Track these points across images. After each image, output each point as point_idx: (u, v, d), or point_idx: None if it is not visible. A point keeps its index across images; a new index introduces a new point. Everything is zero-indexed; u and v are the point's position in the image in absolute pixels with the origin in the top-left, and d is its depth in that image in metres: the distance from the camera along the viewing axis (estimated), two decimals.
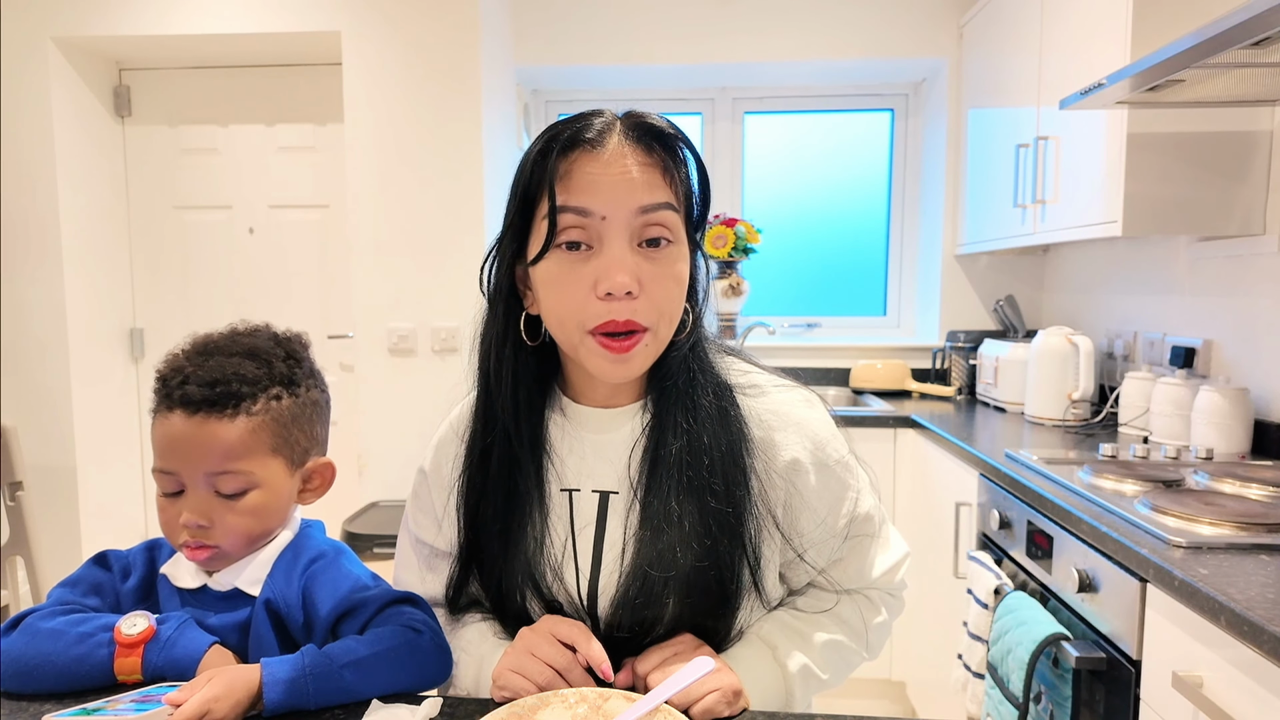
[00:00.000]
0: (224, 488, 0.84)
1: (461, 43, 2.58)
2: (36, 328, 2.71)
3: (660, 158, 0.76)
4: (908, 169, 3.19)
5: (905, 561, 0.95)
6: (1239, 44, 1.24)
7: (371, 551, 2.33)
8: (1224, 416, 1.74)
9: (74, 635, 0.79)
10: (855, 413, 2.57)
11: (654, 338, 0.77)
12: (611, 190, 0.73)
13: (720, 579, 0.80)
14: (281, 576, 0.86)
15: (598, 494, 0.83)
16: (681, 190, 0.78)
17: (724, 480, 0.79)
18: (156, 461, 0.85)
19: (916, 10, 2.88)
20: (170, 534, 0.85)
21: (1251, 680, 0.95)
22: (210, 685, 0.72)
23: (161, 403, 0.85)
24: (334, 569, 0.88)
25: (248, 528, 0.85)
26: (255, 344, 0.89)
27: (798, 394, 0.88)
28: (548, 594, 0.83)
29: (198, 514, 0.83)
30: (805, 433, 0.84)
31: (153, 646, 0.79)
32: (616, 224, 0.74)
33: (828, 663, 0.86)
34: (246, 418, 0.84)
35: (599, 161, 0.74)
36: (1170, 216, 1.80)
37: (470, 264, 2.65)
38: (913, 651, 2.45)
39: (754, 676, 0.81)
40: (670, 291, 0.76)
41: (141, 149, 2.94)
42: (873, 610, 0.92)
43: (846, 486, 0.87)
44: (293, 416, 0.88)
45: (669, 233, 0.76)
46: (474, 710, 0.76)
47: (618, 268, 0.73)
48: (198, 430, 0.83)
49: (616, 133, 0.75)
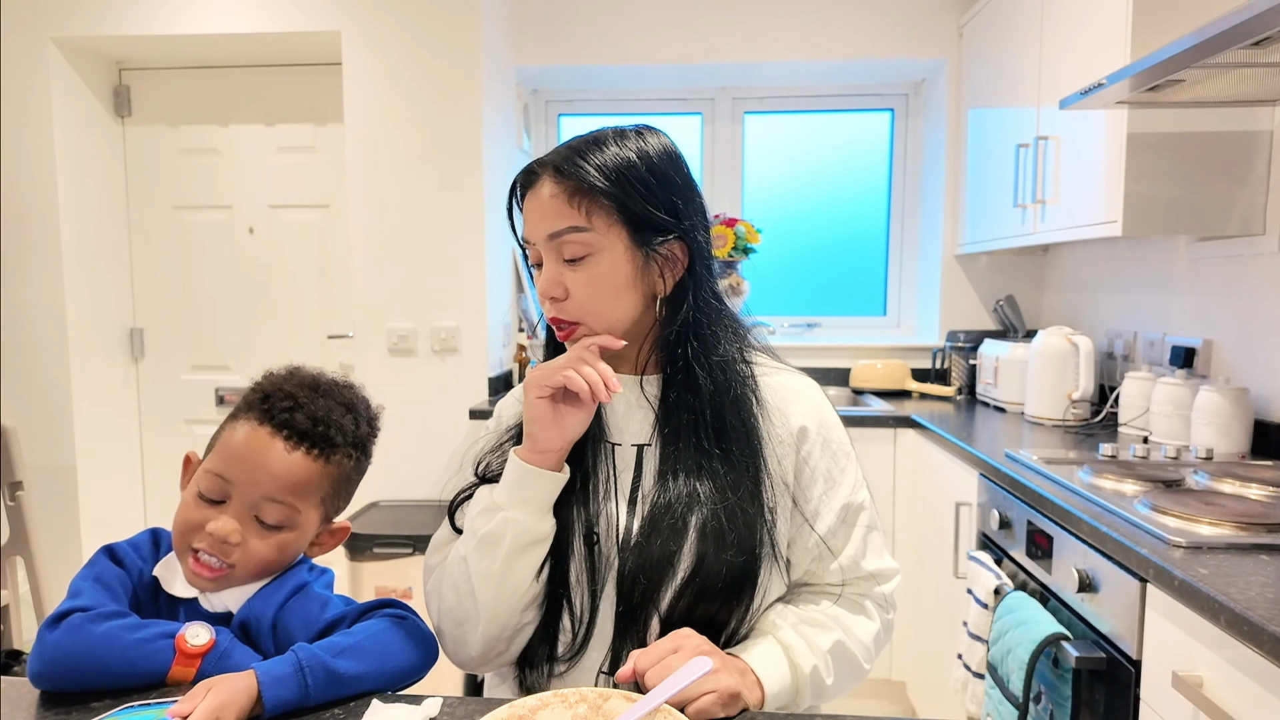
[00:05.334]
0: (268, 516, 0.86)
1: (461, 43, 2.58)
2: (36, 328, 2.71)
3: (566, 186, 0.89)
4: (908, 169, 3.19)
5: (895, 577, 0.98)
6: (1239, 44, 1.24)
7: (371, 552, 2.33)
8: (1224, 416, 1.74)
9: (131, 641, 0.79)
10: (855, 413, 2.57)
11: (587, 329, 0.91)
12: (534, 223, 0.91)
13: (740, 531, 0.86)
14: (261, 600, 0.88)
15: (635, 447, 0.94)
16: (605, 205, 0.89)
17: (735, 444, 0.89)
18: (218, 465, 0.86)
19: (916, 10, 2.88)
20: (187, 534, 0.85)
21: (1251, 680, 0.95)
22: (213, 694, 0.72)
23: (258, 416, 0.87)
24: (306, 598, 0.89)
25: (267, 560, 0.87)
26: (354, 399, 0.94)
27: (810, 380, 1.00)
28: (591, 523, 0.90)
29: (234, 530, 0.84)
30: (814, 410, 0.95)
31: (211, 658, 0.80)
32: (543, 248, 0.91)
33: (834, 667, 0.88)
34: (324, 464, 0.88)
35: (529, 200, 0.92)
36: (1170, 216, 1.80)
37: (470, 264, 2.65)
38: (913, 651, 2.45)
39: (771, 673, 0.83)
40: (592, 293, 0.90)
41: (141, 149, 2.94)
42: (868, 619, 0.95)
43: (845, 471, 0.95)
44: (348, 477, 0.93)
45: (584, 248, 0.89)
46: (474, 710, 0.77)
47: (542, 279, 0.91)
48: (282, 455, 0.86)
49: (549, 168, 0.90)
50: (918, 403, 2.75)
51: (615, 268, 0.90)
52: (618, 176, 0.89)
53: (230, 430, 0.88)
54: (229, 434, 0.88)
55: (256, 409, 0.87)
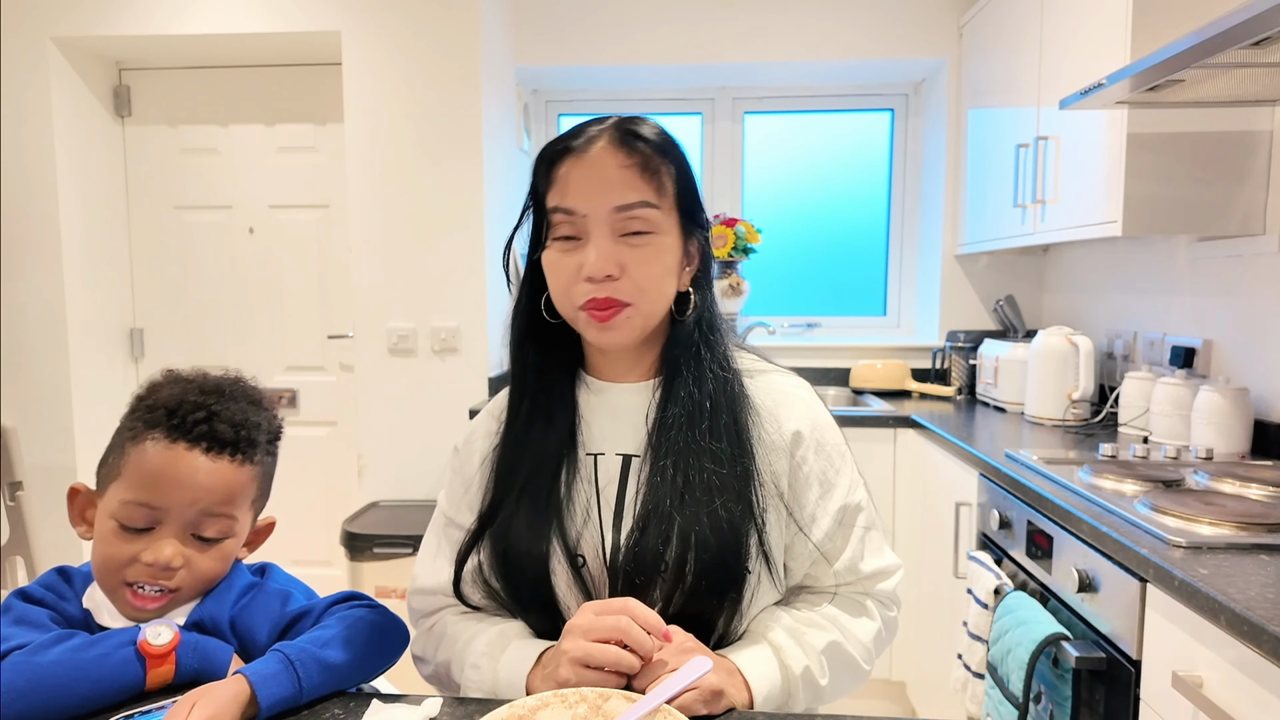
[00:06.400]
0: (208, 530, 0.83)
1: (461, 43, 2.58)
2: (36, 328, 2.70)
3: (640, 159, 0.85)
4: (908, 169, 3.19)
5: (897, 572, 0.96)
6: (1239, 44, 1.24)
7: (371, 552, 2.33)
8: (1224, 416, 1.74)
9: (90, 658, 0.75)
10: (855, 413, 2.57)
11: (637, 311, 0.86)
12: (592, 192, 0.84)
13: (726, 540, 0.83)
14: (212, 603, 0.85)
15: (620, 457, 0.91)
16: (663, 186, 0.86)
17: (727, 444, 0.87)
18: (138, 493, 0.80)
19: (916, 10, 2.88)
20: (116, 573, 0.81)
21: (1251, 680, 0.95)
22: (200, 707, 0.69)
23: (167, 433, 0.81)
24: (262, 594, 0.88)
25: (215, 573, 0.84)
26: (257, 395, 0.90)
27: (803, 382, 0.98)
28: (574, 547, 0.86)
29: (175, 554, 0.80)
30: (807, 412, 0.93)
31: (184, 650, 0.78)
32: (597, 220, 0.84)
33: (828, 668, 0.87)
34: (250, 466, 0.85)
35: (582, 165, 0.85)
36: (1170, 216, 1.80)
37: (470, 264, 2.65)
38: (913, 651, 2.45)
39: (760, 676, 0.82)
40: (651, 272, 0.86)
41: (141, 149, 2.94)
42: (869, 619, 0.93)
43: (840, 473, 0.93)
44: (269, 472, 0.90)
45: (648, 225, 0.85)
46: (474, 710, 0.76)
47: (596, 257, 0.84)
48: (210, 468, 0.81)
49: (603, 140, 0.85)
50: (918, 403, 2.75)
51: (670, 251, 0.87)
52: (679, 155, 0.88)
53: (138, 453, 0.81)
54: (138, 458, 0.81)
55: (164, 426, 0.81)
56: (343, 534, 2.37)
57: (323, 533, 2.79)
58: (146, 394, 0.85)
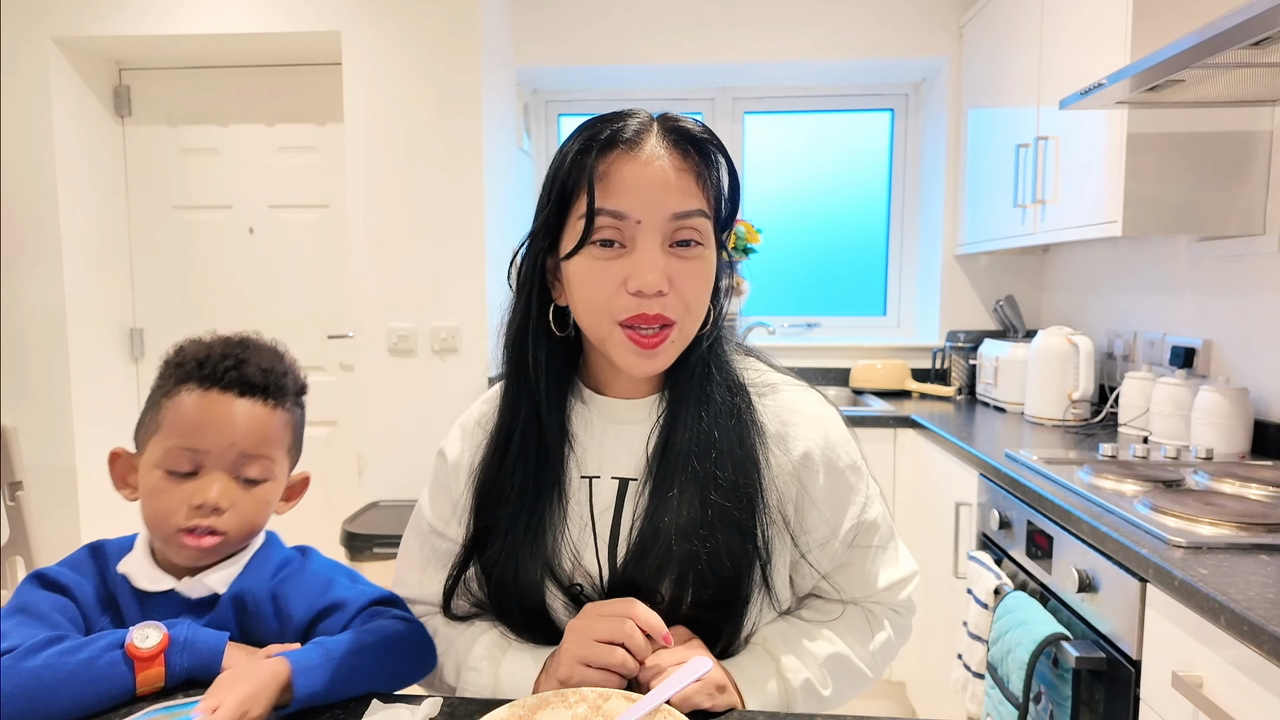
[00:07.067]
0: (249, 472, 0.85)
1: (461, 43, 2.58)
2: (36, 328, 2.70)
3: (695, 163, 0.78)
4: (908, 169, 3.19)
5: (913, 579, 0.94)
6: (1239, 44, 1.24)
7: (371, 552, 2.33)
8: (1224, 416, 1.74)
9: (76, 663, 0.74)
10: (855, 413, 2.57)
11: (679, 333, 0.79)
12: (648, 195, 0.76)
13: (726, 572, 0.80)
14: (251, 575, 0.86)
15: (616, 480, 0.85)
16: (713, 194, 0.80)
17: (734, 473, 0.81)
18: (179, 439, 0.83)
19: (916, 10, 2.88)
20: (168, 518, 0.82)
21: (1251, 680, 0.95)
22: (240, 685, 0.70)
23: (200, 381, 0.84)
24: (304, 573, 0.89)
25: (257, 517, 0.86)
26: (279, 350, 0.93)
27: (812, 394, 0.90)
28: (568, 578, 0.83)
29: (222, 494, 0.83)
30: (819, 430, 0.86)
31: (173, 652, 0.77)
32: (650, 227, 0.76)
33: (831, 677, 0.85)
34: (284, 411, 0.88)
35: (635, 163, 0.76)
36: (1170, 216, 1.80)
37: (470, 264, 2.65)
38: (913, 651, 2.45)
39: (757, 688, 0.81)
40: (698, 289, 0.79)
41: (141, 149, 2.94)
42: (878, 627, 0.91)
43: (854, 490, 0.87)
44: (299, 425, 0.92)
45: (699, 236, 0.78)
46: (474, 710, 0.76)
47: (649, 268, 0.75)
48: (246, 410, 0.85)
49: (654, 135, 0.77)
50: (918, 403, 2.75)
51: (713, 265, 0.81)
52: (729, 162, 0.81)
53: (174, 405, 0.84)
54: (175, 409, 0.84)
55: (196, 376, 0.84)
56: (343, 534, 2.38)
57: (323, 532, 2.79)
58: (174, 356, 0.88)
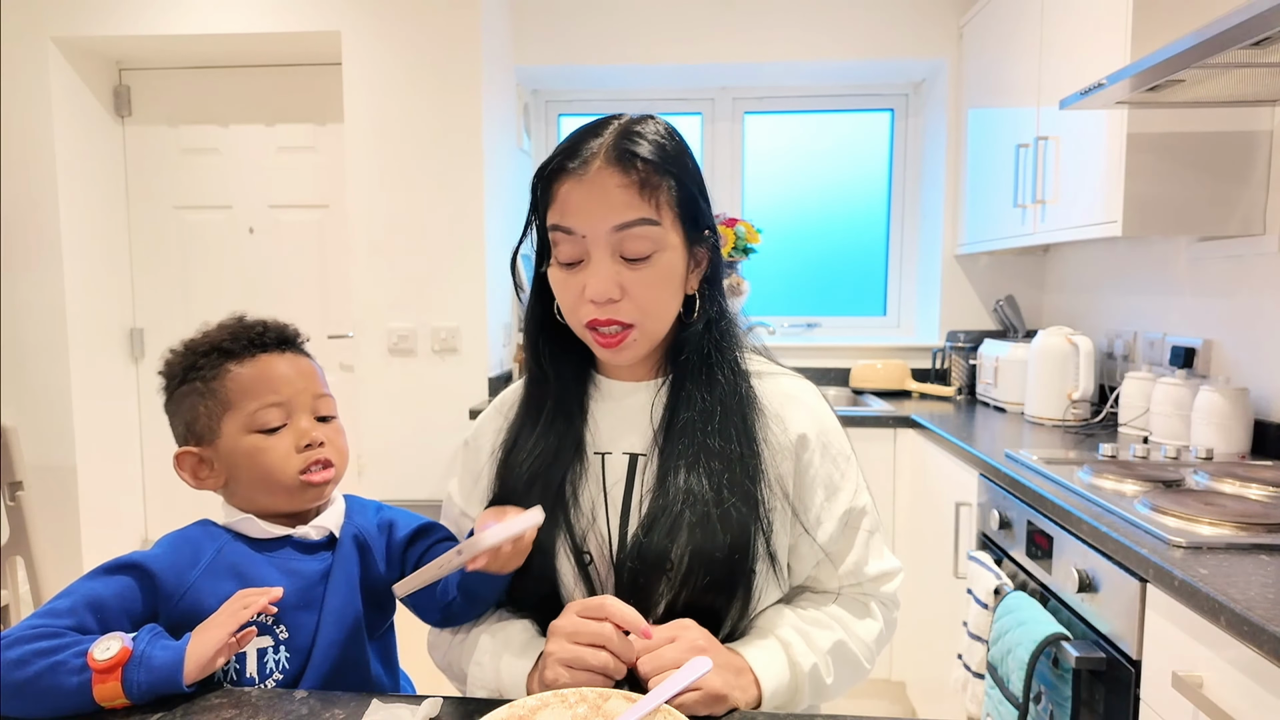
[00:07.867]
0: (323, 409, 0.93)
1: (461, 43, 2.58)
2: (36, 328, 2.70)
3: (638, 176, 0.83)
4: (908, 169, 3.19)
5: (898, 575, 0.98)
6: (1239, 44, 1.24)
7: None
8: (1224, 416, 1.74)
9: (45, 666, 0.74)
10: (855, 413, 2.57)
11: (641, 332, 0.87)
12: (590, 212, 0.83)
13: (734, 538, 0.84)
14: (357, 516, 0.95)
15: (627, 456, 0.91)
16: (667, 199, 0.85)
17: (737, 444, 0.87)
18: (261, 399, 0.89)
19: (916, 10, 2.88)
20: (284, 468, 0.88)
21: (1251, 680, 0.95)
22: None
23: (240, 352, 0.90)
24: (388, 508, 0.99)
25: (347, 449, 0.94)
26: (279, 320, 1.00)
27: (810, 386, 0.98)
28: (580, 545, 0.88)
29: (318, 432, 0.91)
30: (813, 415, 0.93)
31: (131, 667, 0.75)
32: (597, 241, 0.84)
33: (834, 667, 0.88)
34: (310, 361, 0.96)
35: (581, 185, 0.83)
36: (1170, 216, 1.80)
37: (470, 264, 2.65)
38: (913, 651, 2.45)
39: (767, 671, 0.82)
40: (651, 293, 0.85)
41: (141, 149, 2.94)
42: (872, 615, 0.95)
43: (845, 476, 0.93)
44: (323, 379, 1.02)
45: (650, 243, 0.84)
46: (474, 710, 0.76)
47: (596, 280, 0.84)
48: (294, 362, 0.93)
49: (600, 157, 0.83)
50: (918, 403, 2.75)
51: (674, 265, 0.86)
52: (679, 167, 0.86)
53: (233, 380, 0.89)
54: (235, 383, 0.89)
55: (234, 352, 0.90)
56: None
57: None
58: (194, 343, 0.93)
